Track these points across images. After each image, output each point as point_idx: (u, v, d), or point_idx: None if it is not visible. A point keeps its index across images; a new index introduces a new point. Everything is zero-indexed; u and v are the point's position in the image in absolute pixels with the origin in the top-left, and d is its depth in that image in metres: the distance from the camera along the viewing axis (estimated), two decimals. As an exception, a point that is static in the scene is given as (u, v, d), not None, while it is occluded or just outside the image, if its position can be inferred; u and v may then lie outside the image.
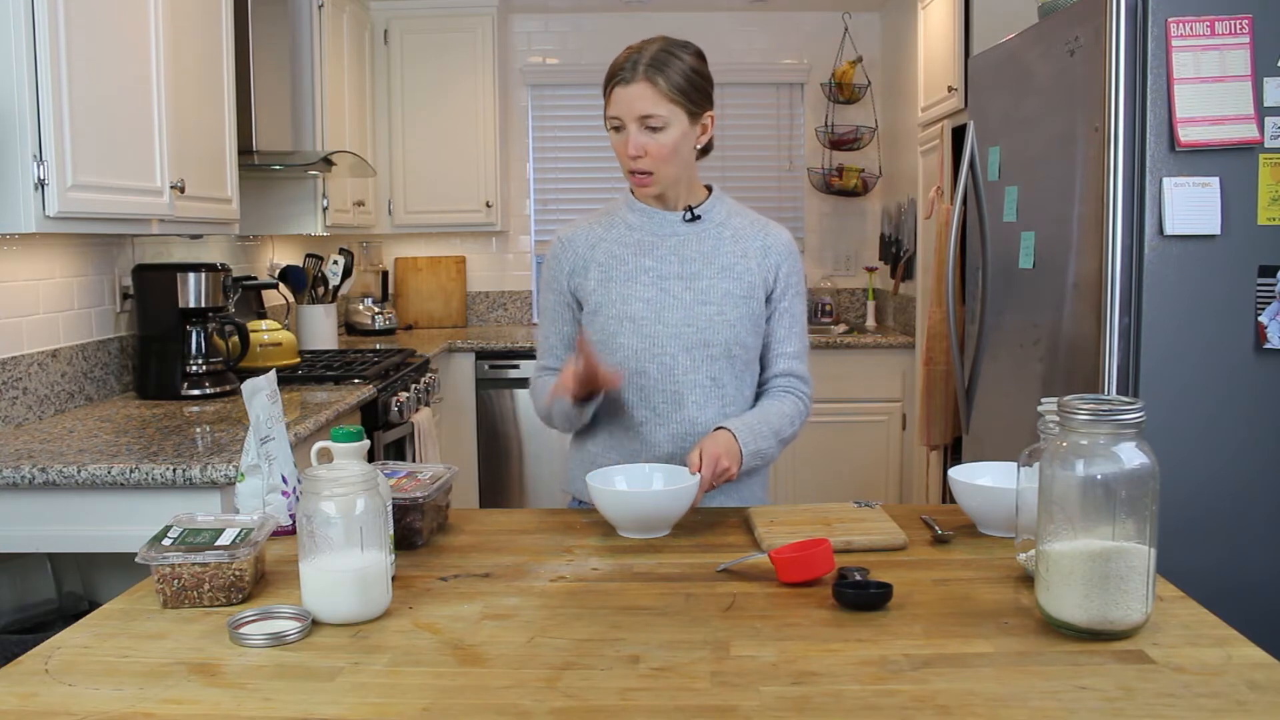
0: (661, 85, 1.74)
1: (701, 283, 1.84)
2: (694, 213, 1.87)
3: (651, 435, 1.85)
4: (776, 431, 1.83)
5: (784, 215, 5.26)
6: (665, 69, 1.75)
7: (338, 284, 4.33)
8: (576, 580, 1.42)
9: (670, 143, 1.77)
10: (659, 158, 1.77)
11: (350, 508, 1.25)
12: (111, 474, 2.02)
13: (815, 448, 4.60)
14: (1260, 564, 2.21)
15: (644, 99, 1.74)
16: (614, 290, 1.85)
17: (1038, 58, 2.58)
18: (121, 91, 2.34)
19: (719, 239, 1.88)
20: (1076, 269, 2.37)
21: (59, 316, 2.67)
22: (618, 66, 1.77)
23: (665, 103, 1.74)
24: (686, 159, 1.83)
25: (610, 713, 1.02)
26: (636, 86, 1.74)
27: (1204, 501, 2.20)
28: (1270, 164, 2.15)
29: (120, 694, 1.07)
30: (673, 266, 1.85)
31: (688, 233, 1.87)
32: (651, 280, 1.84)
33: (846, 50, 5.11)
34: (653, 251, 1.86)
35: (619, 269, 1.86)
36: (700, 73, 1.80)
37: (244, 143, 3.13)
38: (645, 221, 1.88)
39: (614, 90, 1.77)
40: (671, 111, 1.75)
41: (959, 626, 1.22)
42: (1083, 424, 1.16)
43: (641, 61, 1.75)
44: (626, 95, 1.75)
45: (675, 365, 1.82)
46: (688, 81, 1.77)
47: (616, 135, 1.80)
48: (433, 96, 4.78)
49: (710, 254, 1.86)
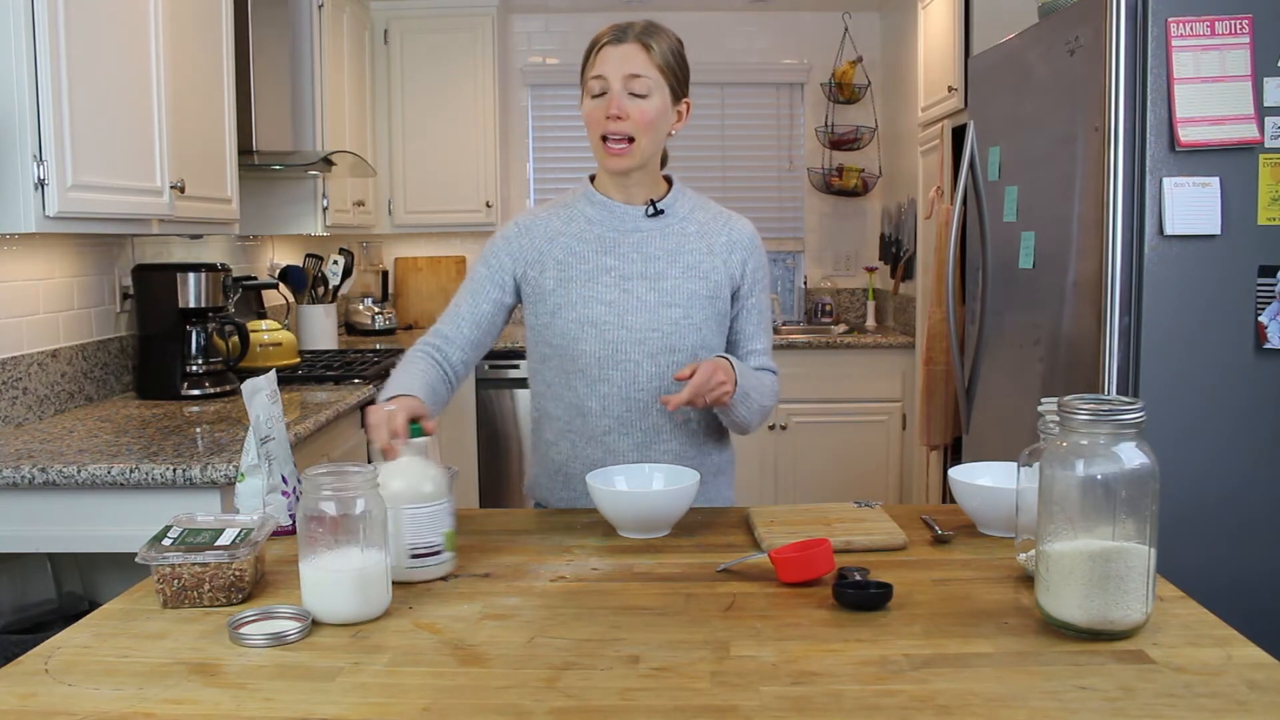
0: (654, 51, 1.72)
1: (666, 283, 1.77)
2: (656, 207, 1.80)
3: (616, 444, 1.79)
4: (760, 390, 1.76)
5: (784, 215, 5.26)
6: (655, 38, 1.73)
7: (338, 284, 4.34)
8: (576, 580, 1.41)
9: (653, 111, 1.72)
10: (641, 123, 1.71)
11: (350, 508, 1.25)
12: (111, 474, 2.02)
13: (815, 448, 4.60)
14: (1260, 564, 2.21)
15: (635, 58, 1.70)
16: (574, 291, 1.77)
17: (1038, 58, 2.58)
18: (121, 91, 2.34)
19: (683, 235, 1.81)
20: (1076, 269, 2.37)
21: (59, 316, 2.67)
22: (603, 32, 1.74)
23: (654, 69, 1.72)
24: (660, 140, 1.77)
25: (610, 713, 1.02)
26: (628, 46, 1.71)
27: (1204, 501, 2.20)
28: (1270, 164, 2.15)
29: (120, 694, 1.07)
30: (636, 265, 1.77)
31: (651, 228, 1.80)
32: (614, 281, 1.77)
33: (846, 50, 5.11)
34: (614, 249, 1.78)
35: (579, 267, 1.78)
36: (683, 57, 1.78)
37: (244, 143, 3.13)
38: (605, 216, 1.80)
39: (602, 49, 1.72)
40: (658, 81, 1.72)
41: (959, 626, 1.22)
42: (1083, 424, 1.16)
43: (633, 28, 1.73)
44: (617, 53, 1.71)
45: (639, 372, 1.76)
46: (675, 57, 1.75)
47: (594, 101, 1.73)
48: (433, 96, 4.78)
49: (675, 252, 1.79)
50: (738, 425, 1.80)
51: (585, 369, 1.77)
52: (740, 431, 1.84)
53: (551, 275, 1.79)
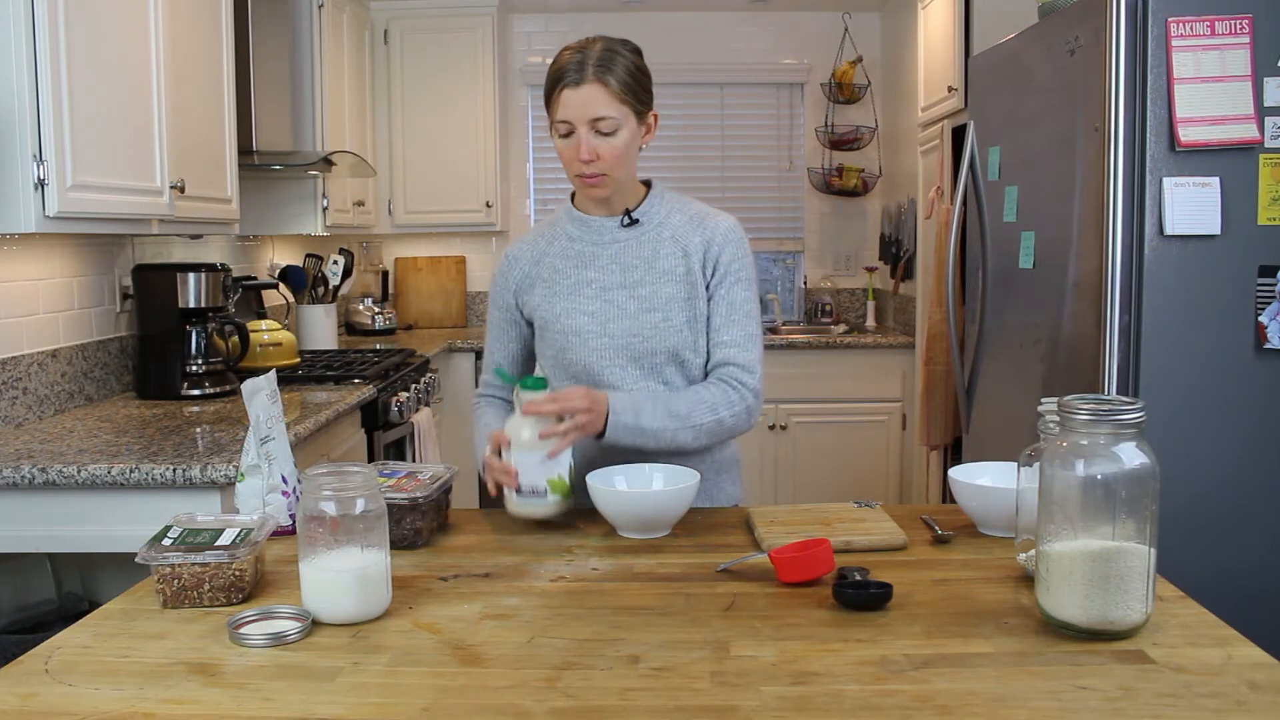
0: (612, 85, 1.70)
1: (644, 290, 1.81)
2: (632, 217, 1.83)
3: (609, 444, 1.79)
4: (680, 416, 1.74)
5: (784, 215, 5.26)
6: (612, 68, 1.71)
7: (338, 284, 4.33)
8: (576, 580, 1.42)
9: (622, 145, 1.73)
10: (611, 160, 1.73)
11: (350, 507, 1.25)
12: (111, 474, 2.02)
13: (815, 448, 4.60)
14: (1261, 564, 2.21)
15: (596, 101, 1.70)
16: (558, 305, 1.83)
17: (1038, 58, 2.58)
18: (121, 91, 2.34)
19: (659, 241, 1.83)
20: (1076, 269, 2.37)
21: (59, 316, 2.67)
22: (561, 68, 1.72)
23: (616, 104, 1.71)
24: (633, 162, 1.80)
25: (610, 713, 1.02)
26: (587, 88, 1.70)
27: (1204, 501, 2.20)
28: (1270, 164, 2.15)
29: (120, 694, 1.07)
30: (614, 276, 1.82)
31: (627, 238, 1.84)
32: (595, 292, 1.82)
33: (846, 50, 5.11)
34: (594, 263, 1.83)
35: (562, 283, 1.84)
36: (643, 69, 1.77)
37: (244, 143, 3.13)
38: (585, 232, 1.85)
39: (562, 93, 1.72)
40: (622, 113, 1.72)
41: (959, 626, 1.22)
42: (1083, 424, 1.16)
43: (589, 62, 1.70)
44: (577, 98, 1.70)
45: (626, 376, 1.80)
46: (634, 79, 1.74)
47: (564, 141, 1.75)
48: (433, 96, 4.78)
49: (651, 259, 1.82)
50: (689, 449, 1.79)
51: (577, 376, 1.83)
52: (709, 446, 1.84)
53: (540, 293, 1.86)
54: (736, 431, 1.82)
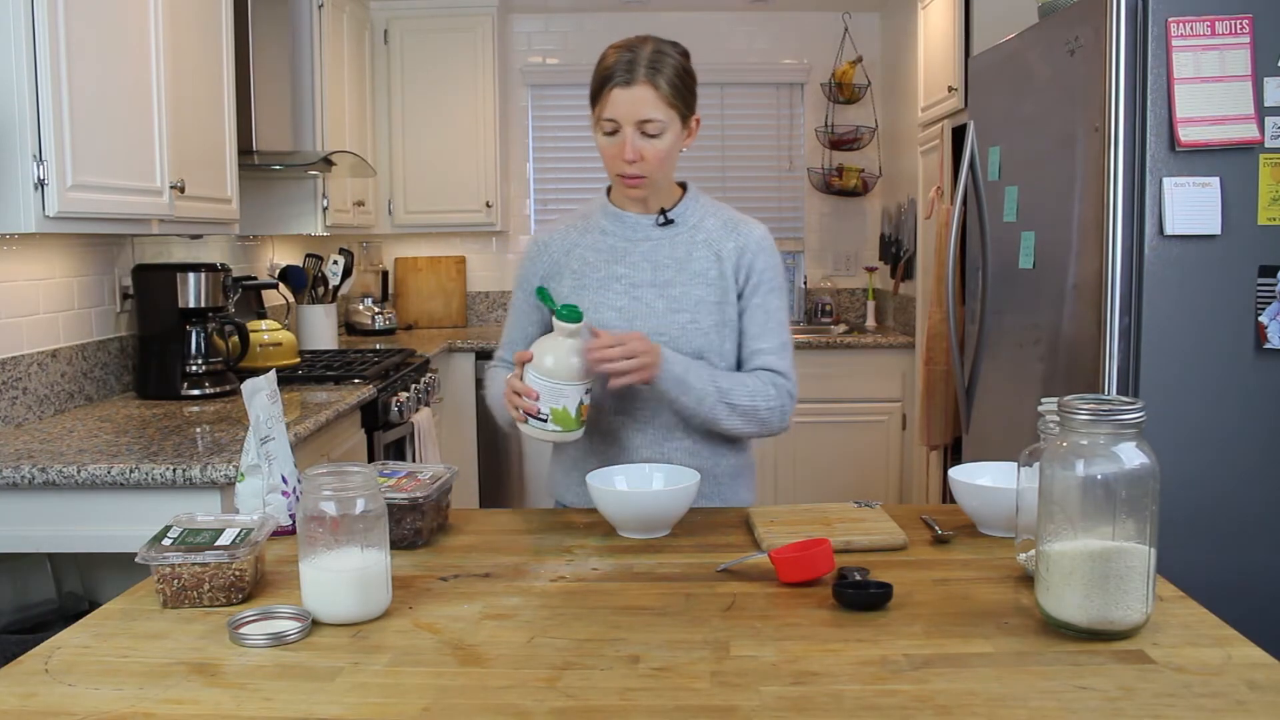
0: (662, 87, 1.71)
1: (675, 290, 1.81)
2: (667, 216, 1.84)
3: (629, 440, 1.83)
4: (722, 390, 1.75)
5: (784, 215, 5.26)
6: (662, 70, 1.72)
7: (338, 284, 4.33)
8: (576, 580, 1.42)
9: (666, 147, 1.75)
10: (655, 162, 1.75)
11: (350, 507, 1.25)
12: (111, 474, 2.02)
13: (815, 448, 4.60)
14: (1260, 564, 2.21)
15: (645, 102, 1.71)
16: (586, 298, 1.82)
17: (1038, 58, 2.58)
18: (121, 91, 2.34)
19: (692, 243, 1.84)
20: (1076, 269, 2.37)
21: (59, 316, 2.67)
22: (611, 68, 1.73)
23: (664, 106, 1.72)
24: (673, 165, 1.81)
25: (610, 713, 1.02)
26: (638, 89, 1.71)
27: (1204, 501, 2.20)
28: (1270, 164, 2.15)
29: (120, 694, 1.07)
30: (645, 274, 1.82)
31: (661, 237, 1.84)
32: (624, 289, 1.82)
33: (846, 50, 5.11)
34: (625, 258, 1.83)
35: (592, 276, 1.84)
36: (690, 73, 1.78)
37: (244, 143, 3.13)
38: (619, 227, 1.85)
39: (611, 92, 1.72)
40: (669, 116, 1.73)
41: (959, 626, 1.22)
42: (1083, 424, 1.16)
43: (639, 63, 1.71)
44: (628, 97, 1.71)
45: None
46: (682, 83, 1.75)
47: (608, 139, 1.76)
48: (433, 96, 4.78)
49: (683, 259, 1.83)
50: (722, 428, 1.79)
51: None
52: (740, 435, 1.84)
53: (568, 284, 1.85)
54: (768, 426, 1.82)
